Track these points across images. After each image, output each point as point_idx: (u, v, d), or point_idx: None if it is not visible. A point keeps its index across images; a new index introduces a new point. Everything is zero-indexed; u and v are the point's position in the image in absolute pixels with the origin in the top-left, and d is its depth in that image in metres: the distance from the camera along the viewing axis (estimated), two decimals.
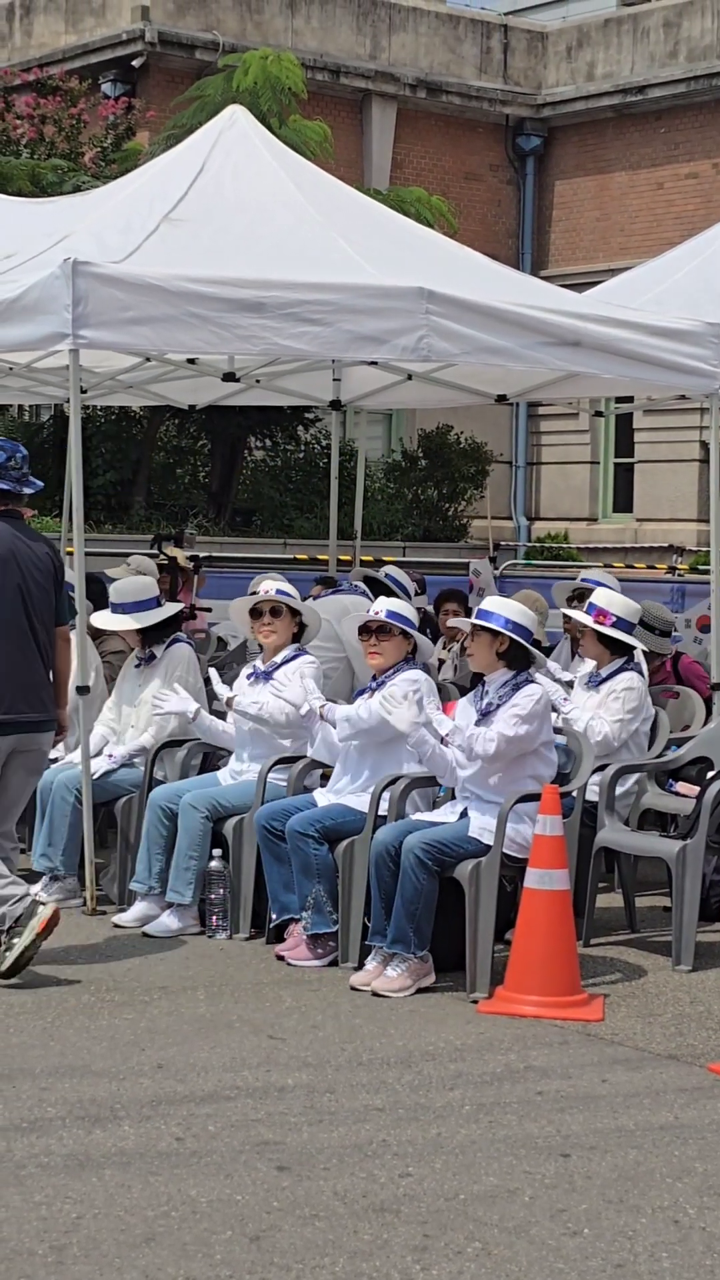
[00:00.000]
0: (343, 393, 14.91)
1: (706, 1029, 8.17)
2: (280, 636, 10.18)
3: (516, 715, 8.79)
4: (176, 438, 26.19)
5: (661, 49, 30.13)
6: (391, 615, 9.47)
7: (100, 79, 27.52)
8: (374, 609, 9.60)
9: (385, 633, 9.49)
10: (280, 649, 10.18)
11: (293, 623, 10.23)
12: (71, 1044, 7.67)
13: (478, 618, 9.07)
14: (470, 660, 9.17)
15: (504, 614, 9.01)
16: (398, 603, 9.70)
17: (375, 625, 9.50)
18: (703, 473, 28.40)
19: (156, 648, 10.69)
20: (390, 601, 9.70)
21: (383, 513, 26.28)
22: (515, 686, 8.92)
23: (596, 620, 10.36)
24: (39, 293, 10.11)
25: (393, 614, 9.48)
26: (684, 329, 11.47)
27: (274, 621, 10.18)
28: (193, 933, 9.75)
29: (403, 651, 9.51)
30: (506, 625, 8.96)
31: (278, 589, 10.28)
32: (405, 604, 9.76)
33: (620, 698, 10.23)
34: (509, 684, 8.95)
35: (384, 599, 9.87)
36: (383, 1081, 7.27)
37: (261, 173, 11.99)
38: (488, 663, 9.02)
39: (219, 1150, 6.40)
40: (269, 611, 10.19)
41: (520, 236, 32.14)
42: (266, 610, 10.19)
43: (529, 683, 8.95)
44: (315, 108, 26.60)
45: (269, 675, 10.07)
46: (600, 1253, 5.59)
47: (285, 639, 10.20)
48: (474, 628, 9.05)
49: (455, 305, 10.65)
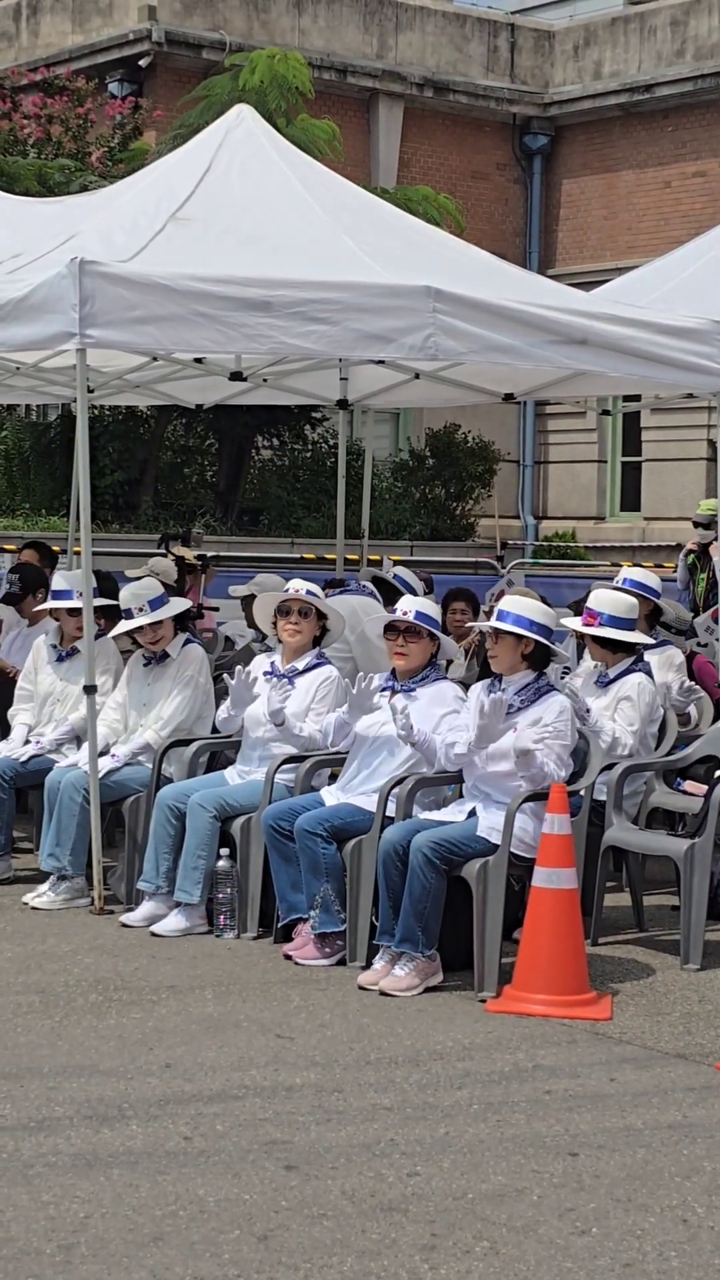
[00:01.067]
0: (350, 392, 14.91)
1: (715, 1028, 8.16)
2: (304, 637, 10.16)
3: (563, 745, 8.81)
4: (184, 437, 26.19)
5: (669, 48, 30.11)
6: (420, 617, 9.45)
7: (107, 79, 27.52)
8: (401, 609, 9.56)
9: (414, 634, 9.47)
10: (302, 651, 10.17)
11: (317, 626, 10.21)
12: (79, 1043, 7.67)
13: (498, 619, 9.04)
14: (493, 662, 9.12)
15: (527, 615, 9.00)
16: (425, 603, 9.67)
17: (404, 626, 9.48)
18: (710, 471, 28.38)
19: (171, 647, 10.68)
20: (418, 602, 9.67)
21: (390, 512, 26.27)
22: (537, 691, 8.92)
23: (585, 623, 10.36)
24: (46, 292, 10.12)
25: (421, 615, 9.46)
26: (691, 327, 11.46)
27: (301, 622, 10.15)
28: (200, 932, 9.75)
29: (429, 653, 9.51)
30: (531, 628, 8.96)
31: (308, 589, 10.23)
32: (431, 604, 9.73)
33: (633, 701, 10.20)
34: (530, 688, 8.95)
35: (410, 599, 9.82)
36: (391, 1080, 7.26)
37: (268, 172, 11.99)
38: (511, 665, 9.02)
39: (227, 1149, 6.40)
40: (298, 611, 10.17)
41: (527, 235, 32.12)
42: (296, 609, 10.17)
43: (550, 690, 8.95)
44: (322, 107, 26.59)
45: (290, 679, 10.03)
46: (608, 1252, 5.59)
47: (308, 641, 10.19)
48: (497, 630, 9.02)
49: (462, 304, 10.64)
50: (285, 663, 10.19)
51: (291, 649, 10.19)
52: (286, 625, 10.17)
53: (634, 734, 10.14)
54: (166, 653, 10.68)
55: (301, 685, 10.03)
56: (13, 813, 10.98)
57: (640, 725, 10.18)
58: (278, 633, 10.26)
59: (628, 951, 9.63)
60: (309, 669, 10.11)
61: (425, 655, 9.51)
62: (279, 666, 10.18)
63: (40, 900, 10.30)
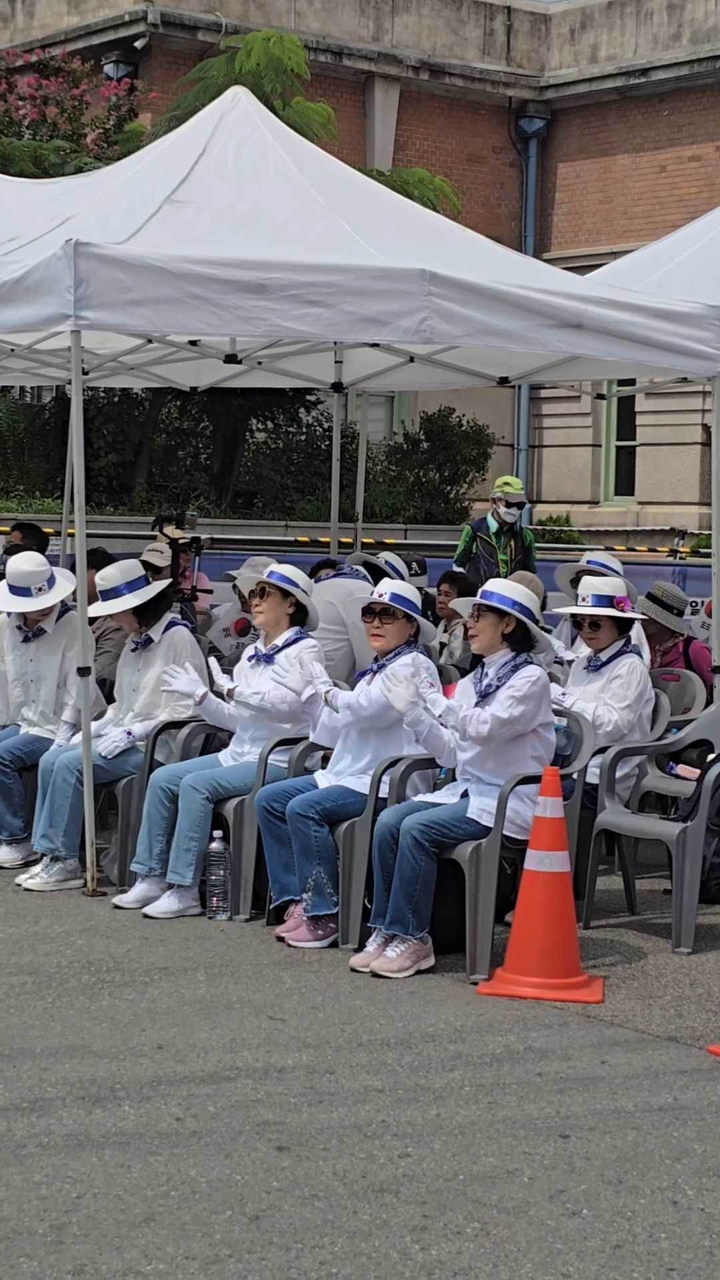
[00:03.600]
0: (344, 375, 14.90)
1: (706, 1011, 8.18)
2: (268, 616, 10.16)
3: (511, 697, 8.80)
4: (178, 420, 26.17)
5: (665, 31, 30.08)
6: (395, 598, 9.47)
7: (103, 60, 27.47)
8: (378, 591, 9.60)
9: (389, 615, 9.49)
10: (276, 630, 10.18)
11: (285, 603, 10.19)
12: (72, 1024, 7.68)
13: (482, 598, 9.08)
14: (473, 641, 9.16)
15: (510, 595, 9.03)
16: (402, 585, 9.70)
17: (379, 608, 9.50)
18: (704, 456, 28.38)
19: (154, 630, 10.69)
20: (395, 584, 9.70)
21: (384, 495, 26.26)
22: (514, 668, 8.94)
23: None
24: (41, 274, 10.12)
25: (396, 597, 9.48)
26: (686, 312, 11.46)
27: (261, 603, 10.18)
28: (193, 914, 9.77)
29: (405, 634, 9.51)
30: (514, 607, 8.98)
31: (270, 571, 10.27)
32: (410, 587, 9.74)
33: (624, 681, 10.25)
34: (508, 665, 8.97)
35: (389, 581, 9.86)
36: (382, 1062, 7.28)
37: (263, 154, 11.97)
38: (491, 643, 9.03)
39: (219, 1130, 6.41)
40: (258, 593, 10.21)
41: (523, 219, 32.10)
42: (259, 590, 10.22)
43: (528, 664, 8.97)
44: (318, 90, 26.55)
45: (270, 658, 10.07)
46: (599, 1233, 5.60)
47: (274, 619, 10.17)
48: (479, 609, 9.05)
49: (457, 287, 10.64)
50: (266, 643, 10.23)
51: (265, 630, 10.23)
52: (254, 606, 10.26)
53: (621, 710, 10.17)
54: (150, 637, 10.66)
55: (282, 660, 10.04)
56: (23, 794, 10.98)
57: (630, 701, 10.22)
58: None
59: (619, 935, 9.65)
60: (289, 644, 10.13)
61: (401, 637, 9.50)
62: (261, 649, 10.21)
63: (33, 882, 10.31)
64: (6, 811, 10.94)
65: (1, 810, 10.94)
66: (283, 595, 10.17)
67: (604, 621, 10.43)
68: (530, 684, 8.85)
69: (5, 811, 10.94)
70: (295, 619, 10.22)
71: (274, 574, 10.23)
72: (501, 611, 8.99)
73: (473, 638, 9.16)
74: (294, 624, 10.21)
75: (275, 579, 10.18)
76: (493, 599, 9.04)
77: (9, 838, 10.94)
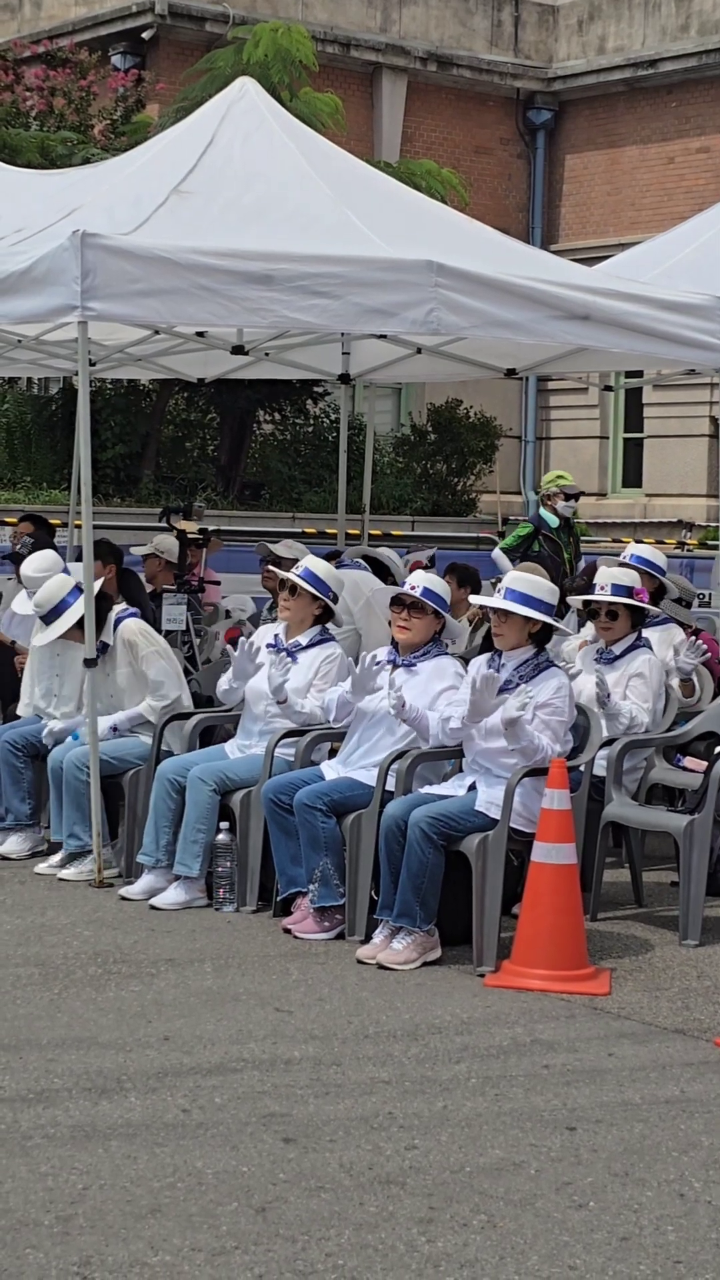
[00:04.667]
0: (352, 366, 14.89)
1: (713, 1003, 8.17)
2: (294, 614, 10.12)
3: (560, 721, 8.81)
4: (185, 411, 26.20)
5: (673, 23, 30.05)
6: (427, 593, 9.43)
7: (110, 51, 27.49)
8: (411, 582, 9.56)
9: (419, 610, 9.46)
10: (300, 628, 10.12)
11: (314, 605, 10.14)
12: (78, 1016, 7.68)
13: (507, 598, 9.01)
14: (498, 639, 9.10)
15: (535, 595, 8.98)
16: (435, 580, 9.60)
17: (410, 600, 9.47)
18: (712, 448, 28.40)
19: (105, 634, 10.60)
20: (429, 578, 9.64)
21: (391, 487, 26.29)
22: (536, 667, 8.91)
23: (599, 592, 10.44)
24: (48, 265, 10.11)
25: (429, 592, 9.44)
26: (693, 303, 11.44)
27: (290, 600, 10.11)
28: (200, 905, 9.76)
29: (432, 630, 9.48)
30: (540, 608, 8.96)
31: (305, 569, 10.17)
32: (440, 582, 9.64)
33: (646, 680, 10.23)
34: (529, 663, 8.94)
35: (422, 574, 9.78)
36: (389, 1054, 7.27)
37: (271, 145, 11.96)
38: (518, 643, 9.01)
39: (225, 1122, 6.41)
40: (288, 589, 10.15)
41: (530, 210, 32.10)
42: (288, 586, 10.15)
43: (549, 665, 8.95)
44: (325, 81, 26.55)
45: (293, 654, 9.98)
46: (605, 1226, 5.60)
47: (300, 618, 10.13)
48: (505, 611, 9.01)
49: (464, 279, 10.63)
50: (289, 637, 10.17)
51: (290, 624, 10.16)
52: (281, 599, 10.17)
53: (648, 711, 10.17)
54: (105, 643, 10.58)
55: (304, 661, 10.01)
56: (34, 781, 10.97)
57: (653, 702, 10.23)
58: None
59: (626, 927, 9.64)
60: (312, 644, 10.09)
61: (428, 631, 9.49)
62: (282, 640, 10.15)
63: (67, 873, 10.32)
64: (15, 796, 10.94)
65: (10, 794, 10.93)
66: (313, 597, 10.11)
67: (621, 612, 10.41)
68: (565, 699, 8.86)
69: (14, 796, 10.93)
70: (320, 618, 10.19)
71: (306, 573, 10.15)
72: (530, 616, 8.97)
73: (498, 636, 9.10)
74: (318, 622, 10.18)
75: (309, 581, 10.11)
76: (517, 599, 8.97)
77: (15, 824, 10.93)
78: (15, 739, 10.98)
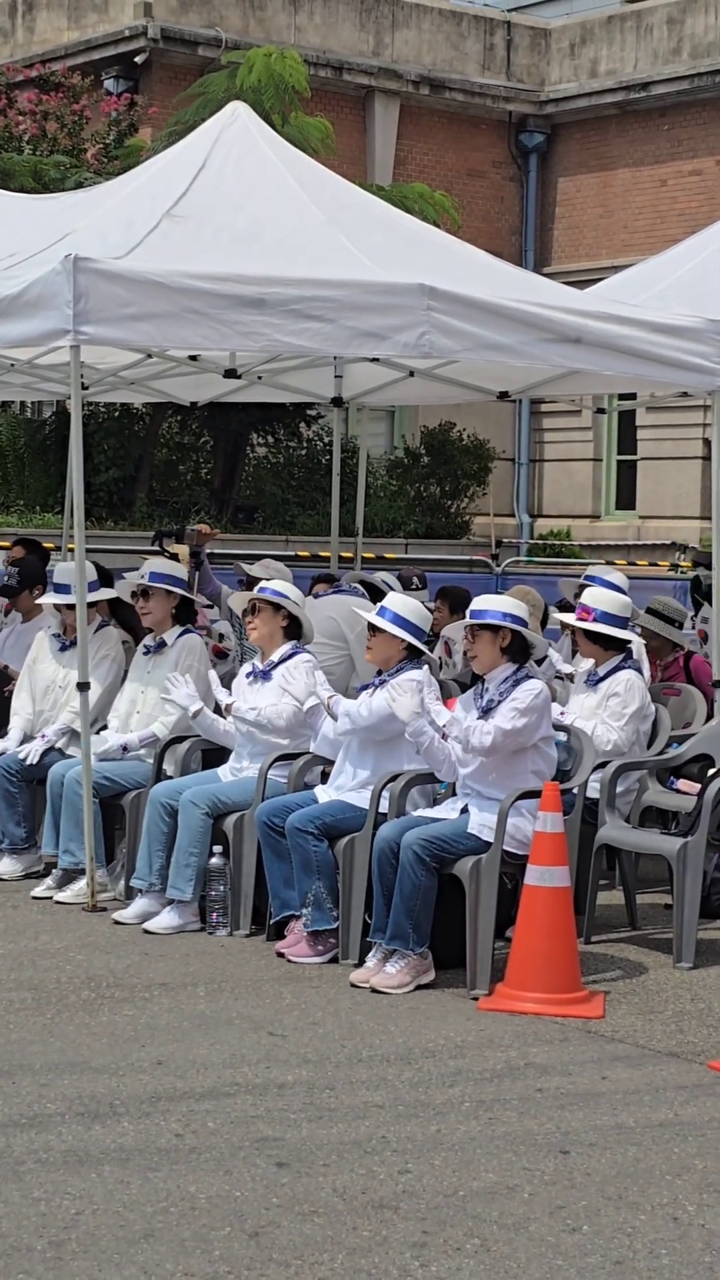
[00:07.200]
0: (345, 389, 14.90)
1: (707, 1026, 8.17)
2: (261, 632, 10.15)
3: (515, 709, 8.80)
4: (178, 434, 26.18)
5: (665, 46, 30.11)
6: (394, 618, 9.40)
7: (103, 75, 27.50)
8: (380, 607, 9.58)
9: (373, 630, 9.48)
10: (272, 645, 10.15)
11: (277, 618, 10.16)
12: (71, 1040, 7.67)
13: (472, 618, 9.07)
14: (474, 663, 9.13)
15: (498, 609, 9.03)
16: (414, 608, 9.56)
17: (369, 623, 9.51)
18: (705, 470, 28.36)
19: (168, 635, 10.69)
20: (394, 599, 9.63)
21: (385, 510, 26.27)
22: (515, 682, 8.93)
23: (580, 618, 10.40)
24: (40, 289, 10.13)
25: (396, 617, 9.40)
26: (686, 326, 11.46)
27: (254, 619, 10.17)
28: (193, 929, 9.76)
29: (394, 648, 9.45)
30: (505, 619, 8.97)
31: (261, 586, 10.26)
32: (418, 607, 9.59)
33: (620, 698, 10.23)
34: (509, 679, 8.96)
35: (397, 597, 9.78)
36: (382, 1078, 7.27)
37: (263, 169, 11.98)
38: (491, 661, 9.01)
39: (218, 1146, 6.40)
40: (250, 610, 10.20)
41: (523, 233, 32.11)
42: (250, 608, 10.21)
43: (529, 678, 8.96)
44: (318, 104, 26.57)
45: (267, 675, 10.05)
46: (599, 1249, 5.59)
47: (268, 634, 10.15)
48: (472, 629, 9.03)
49: (457, 302, 10.65)
50: (263, 661, 10.21)
51: (260, 645, 10.20)
52: (247, 622, 10.26)
53: (619, 729, 10.15)
54: (164, 640, 10.68)
55: (276, 676, 10.03)
56: (29, 804, 10.97)
57: (630, 721, 10.21)
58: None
59: (620, 950, 9.64)
60: (284, 660, 10.11)
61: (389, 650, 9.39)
62: (258, 665, 10.19)
63: (64, 895, 10.31)
64: (10, 820, 10.94)
65: (5, 818, 10.93)
66: (274, 609, 10.14)
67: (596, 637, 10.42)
68: (533, 696, 8.85)
69: (9, 820, 10.94)
70: (290, 633, 10.20)
71: (264, 589, 10.22)
72: (495, 627, 8.98)
73: (473, 659, 9.13)
74: (289, 638, 10.19)
75: (266, 594, 10.17)
76: (485, 616, 9.02)
77: (10, 847, 10.93)
78: (10, 763, 10.97)
